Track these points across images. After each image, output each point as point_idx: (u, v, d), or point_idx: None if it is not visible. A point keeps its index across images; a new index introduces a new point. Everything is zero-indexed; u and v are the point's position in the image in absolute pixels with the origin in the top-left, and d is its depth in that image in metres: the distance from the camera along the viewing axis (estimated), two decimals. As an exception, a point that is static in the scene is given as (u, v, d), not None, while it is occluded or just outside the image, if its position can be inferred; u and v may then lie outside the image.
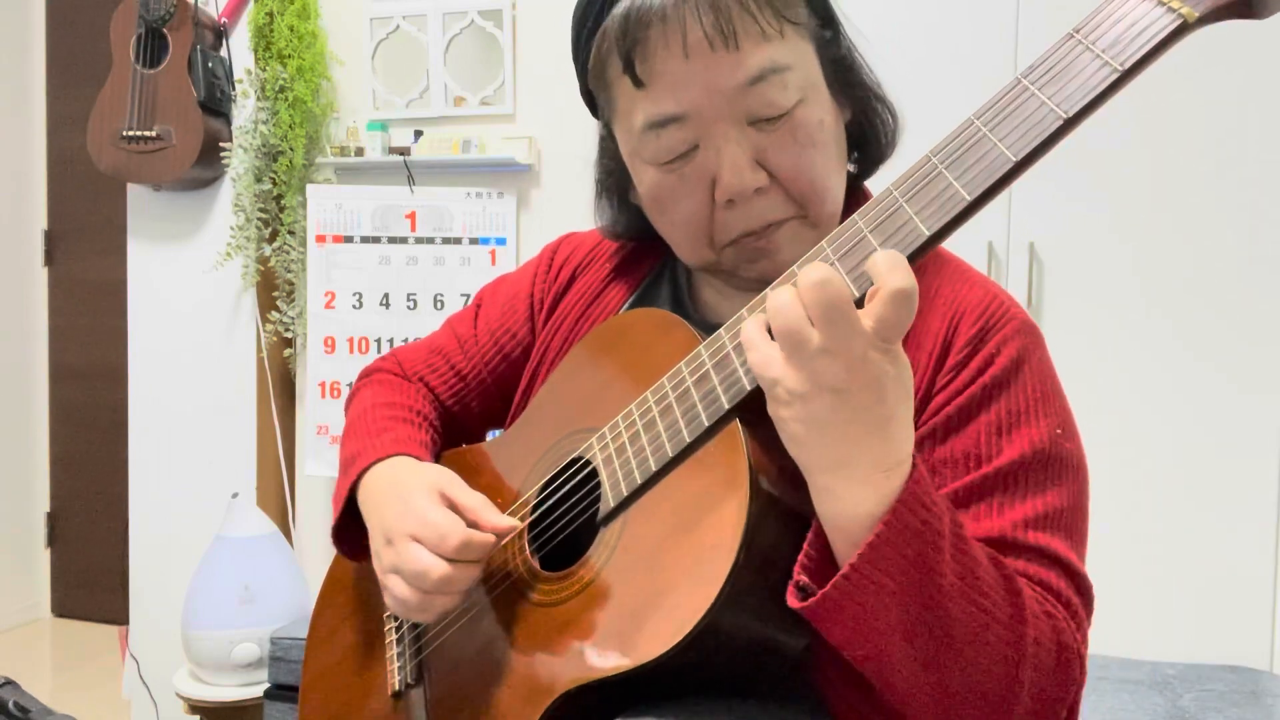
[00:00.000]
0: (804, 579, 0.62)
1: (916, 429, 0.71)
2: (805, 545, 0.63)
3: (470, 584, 0.76)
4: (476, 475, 0.88)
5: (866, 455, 0.58)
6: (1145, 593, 1.93)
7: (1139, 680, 1.77)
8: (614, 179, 0.90)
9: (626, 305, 0.93)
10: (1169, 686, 1.76)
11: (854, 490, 0.59)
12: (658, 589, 0.66)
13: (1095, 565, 0.72)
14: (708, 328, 0.86)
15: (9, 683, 0.91)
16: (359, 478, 0.89)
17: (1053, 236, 1.99)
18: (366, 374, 1.06)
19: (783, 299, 0.58)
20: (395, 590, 0.77)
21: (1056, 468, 0.71)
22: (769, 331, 0.60)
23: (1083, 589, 0.69)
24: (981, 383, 0.72)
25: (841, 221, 0.85)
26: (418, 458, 0.90)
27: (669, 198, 0.79)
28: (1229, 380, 1.91)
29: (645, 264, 0.95)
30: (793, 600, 0.62)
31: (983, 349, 0.73)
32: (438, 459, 0.94)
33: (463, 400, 1.00)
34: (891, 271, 0.55)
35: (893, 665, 0.62)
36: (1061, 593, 0.67)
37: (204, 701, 2.19)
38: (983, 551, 0.63)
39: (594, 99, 0.87)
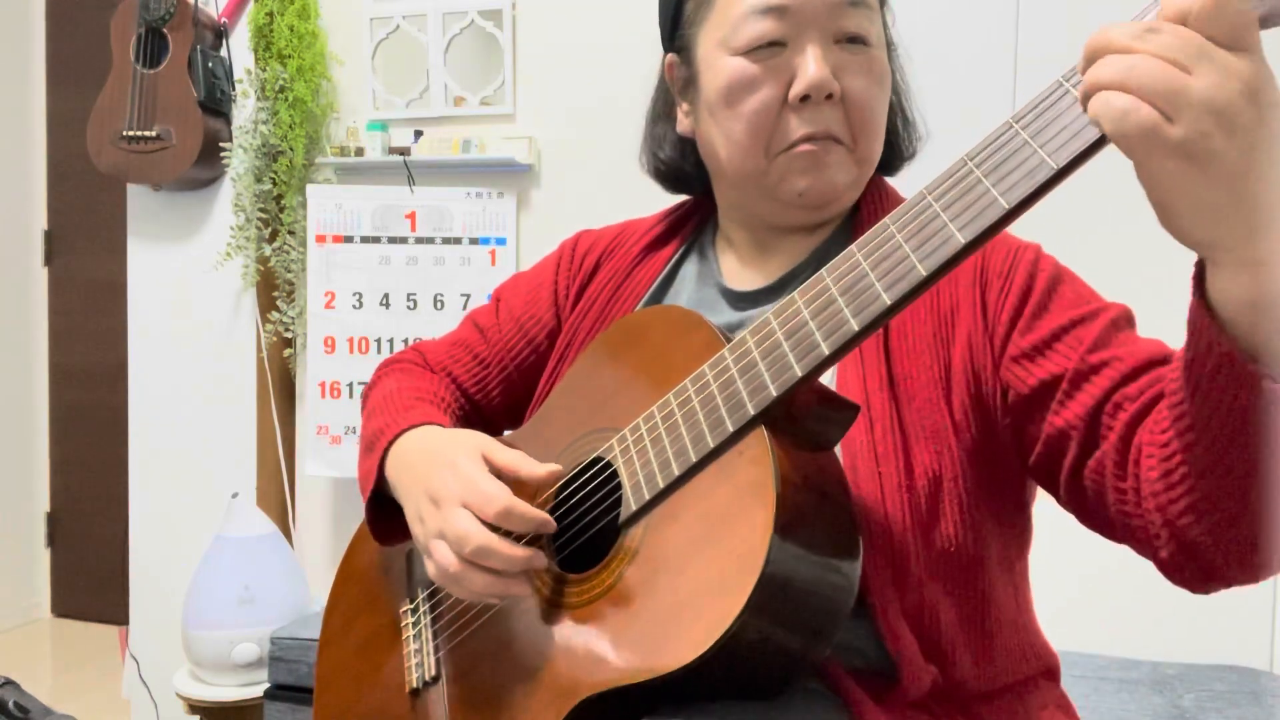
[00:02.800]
0: (1258, 365, 0.54)
1: (1005, 335, 0.76)
2: (1206, 335, 0.56)
3: (511, 565, 0.74)
4: None
5: None
6: (1145, 593, 1.93)
7: (1139, 680, 1.77)
8: (667, 107, 0.96)
9: (658, 282, 0.94)
10: (1169, 686, 1.75)
11: None
12: (683, 596, 0.65)
13: (1095, 565, 0.73)
14: (734, 297, 0.89)
15: (9, 683, 0.91)
16: (388, 449, 0.89)
17: (1053, 236, 1.99)
18: (388, 364, 1.06)
19: (1126, 58, 0.49)
20: (438, 556, 0.76)
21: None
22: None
23: None
24: (1040, 282, 0.78)
25: (859, 209, 0.89)
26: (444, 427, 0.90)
27: (746, 87, 0.83)
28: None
29: (673, 244, 0.97)
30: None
31: (1020, 264, 0.80)
32: None
33: (484, 387, 1.00)
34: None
35: None
36: None
37: (204, 701, 2.19)
38: None
39: (677, 15, 0.91)
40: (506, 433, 0.96)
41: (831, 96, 0.81)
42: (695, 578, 0.65)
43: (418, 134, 2.41)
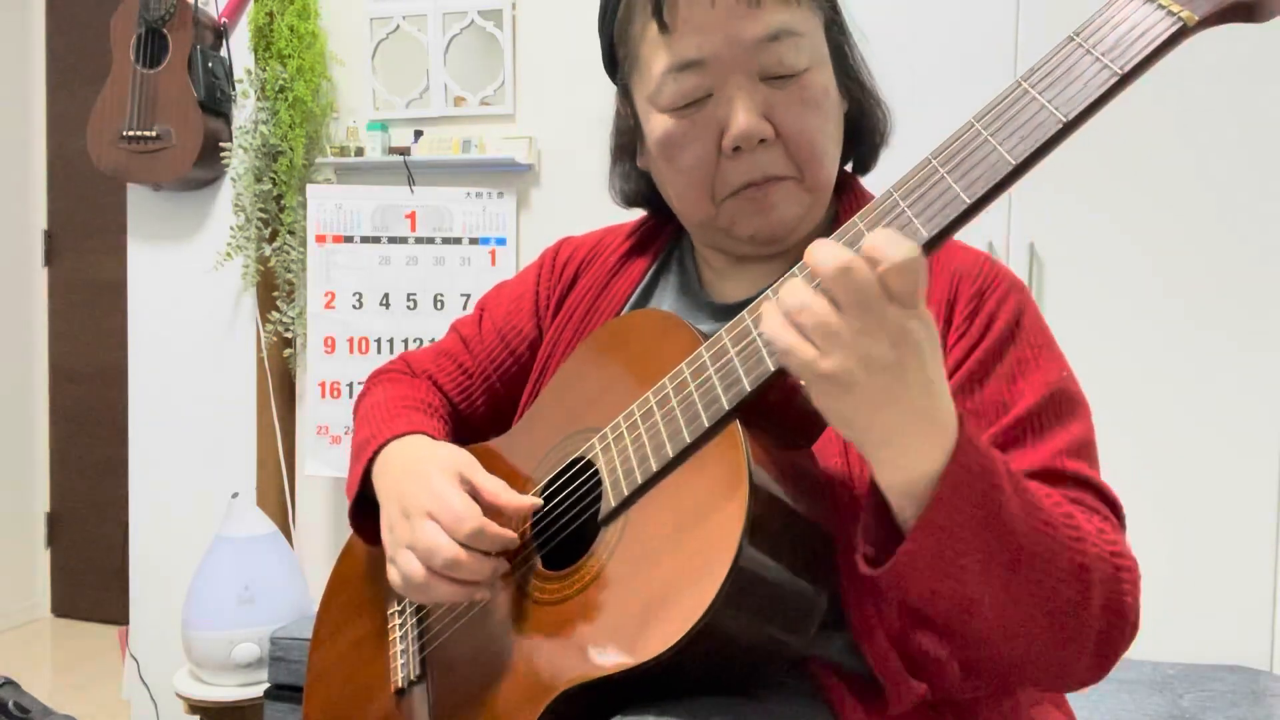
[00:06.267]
0: (869, 549, 0.64)
1: None
2: (863, 515, 0.65)
3: (478, 577, 0.76)
4: None
5: (920, 419, 0.59)
6: (1145, 593, 1.93)
7: (1139, 680, 1.77)
8: (626, 144, 0.95)
9: (636, 293, 0.94)
10: (1169, 686, 1.76)
11: (916, 453, 0.60)
12: (658, 589, 0.66)
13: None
14: (715, 309, 0.89)
15: (9, 683, 0.91)
16: (374, 457, 0.90)
17: (1053, 236, 1.99)
18: (376, 374, 1.07)
19: (803, 297, 0.58)
20: (404, 565, 0.78)
21: (1070, 403, 0.77)
22: (795, 327, 0.60)
23: (1116, 507, 0.75)
24: (990, 338, 0.77)
25: (837, 216, 0.87)
26: (432, 438, 0.91)
27: (678, 144, 0.82)
28: (1229, 379, 1.91)
29: (650, 253, 0.97)
30: (864, 568, 0.64)
31: (984, 308, 0.78)
32: None
33: (470, 397, 1.01)
34: (891, 245, 0.56)
35: (976, 608, 0.64)
36: (1099, 510, 0.72)
37: (204, 702, 2.19)
38: (1034, 484, 0.66)
39: (615, 59, 0.90)
40: (494, 439, 0.96)
41: (765, 140, 0.80)
42: (669, 570, 0.66)
43: (418, 134, 2.41)
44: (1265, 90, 1.88)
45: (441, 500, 0.77)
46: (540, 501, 0.80)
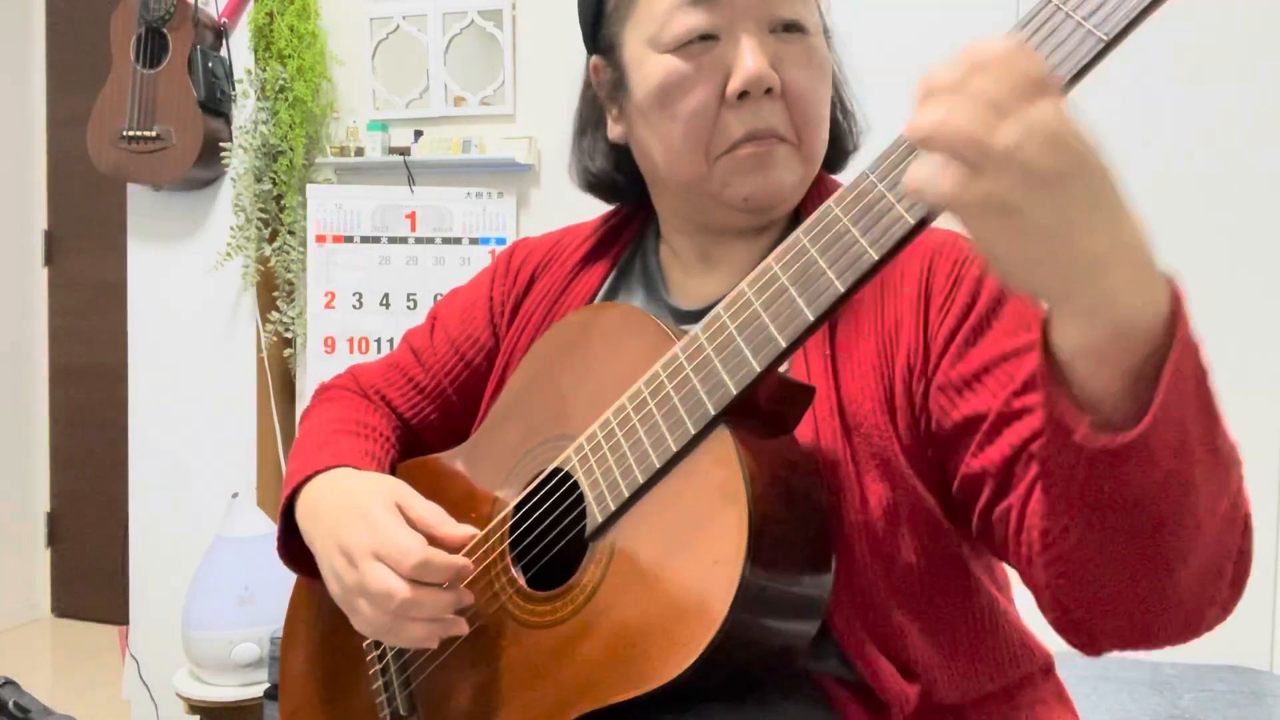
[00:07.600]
0: (1085, 419, 0.51)
1: (937, 360, 0.71)
2: (1047, 392, 0.53)
3: (443, 611, 0.73)
4: (442, 486, 0.85)
5: (1120, 241, 0.48)
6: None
7: (1139, 680, 1.77)
8: (594, 115, 0.92)
9: (601, 296, 0.90)
10: (1169, 686, 1.75)
11: (1119, 294, 0.48)
12: (662, 608, 0.64)
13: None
14: (678, 315, 0.85)
15: (9, 683, 0.91)
16: (295, 493, 0.86)
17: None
18: (320, 392, 1.02)
19: (938, 112, 0.46)
20: (364, 613, 0.74)
21: None
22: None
23: None
24: (984, 301, 0.72)
25: (807, 213, 0.83)
26: (358, 468, 0.86)
27: (679, 86, 0.78)
28: (1228, 381, 1.89)
29: (609, 256, 0.93)
30: (1099, 438, 0.50)
31: (967, 275, 0.74)
32: (393, 471, 0.91)
33: (421, 412, 0.97)
34: (966, 53, 0.47)
35: (1197, 495, 0.54)
36: None
37: (204, 702, 2.19)
38: None
39: (597, 17, 0.88)
40: (454, 448, 0.90)
41: (771, 91, 0.76)
42: (673, 588, 0.64)
43: (418, 134, 2.41)
44: (1264, 87, 1.88)
45: (385, 536, 0.73)
46: (477, 531, 0.76)
